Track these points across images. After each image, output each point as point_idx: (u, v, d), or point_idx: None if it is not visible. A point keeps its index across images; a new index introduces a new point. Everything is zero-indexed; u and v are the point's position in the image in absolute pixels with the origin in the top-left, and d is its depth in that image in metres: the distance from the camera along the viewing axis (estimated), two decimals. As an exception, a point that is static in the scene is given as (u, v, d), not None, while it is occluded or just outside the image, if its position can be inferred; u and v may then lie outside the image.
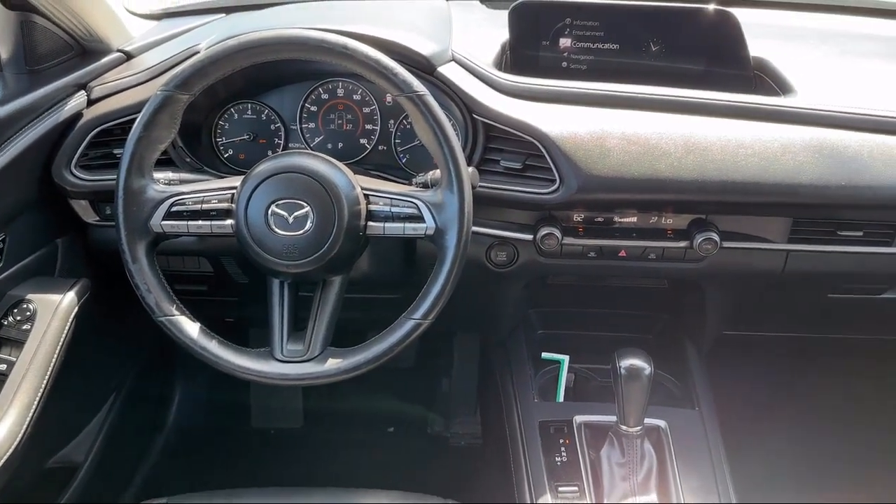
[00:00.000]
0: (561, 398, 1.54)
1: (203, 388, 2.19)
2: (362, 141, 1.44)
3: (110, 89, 1.37)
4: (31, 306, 1.27)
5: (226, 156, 1.44)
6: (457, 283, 1.11)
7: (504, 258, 1.39)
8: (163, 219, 1.12)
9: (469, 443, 2.13)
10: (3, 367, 1.22)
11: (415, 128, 1.13)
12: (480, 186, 1.27)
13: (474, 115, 1.29)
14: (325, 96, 1.43)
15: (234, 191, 1.13)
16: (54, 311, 1.27)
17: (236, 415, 2.19)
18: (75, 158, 1.33)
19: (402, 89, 1.09)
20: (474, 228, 1.19)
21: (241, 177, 1.14)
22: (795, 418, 2.00)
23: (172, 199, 1.13)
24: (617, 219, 1.35)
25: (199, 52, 1.31)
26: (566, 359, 1.57)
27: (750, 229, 1.35)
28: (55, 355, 1.25)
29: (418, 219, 1.11)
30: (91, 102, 1.37)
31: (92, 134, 1.32)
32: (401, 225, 1.13)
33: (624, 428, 1.30)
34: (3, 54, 1.34)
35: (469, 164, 1.28)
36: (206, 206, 1.13)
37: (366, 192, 1.14)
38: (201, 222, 1.13)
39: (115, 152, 1.33)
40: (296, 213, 1.10)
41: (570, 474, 1.34)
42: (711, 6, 1.38)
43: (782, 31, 1.68)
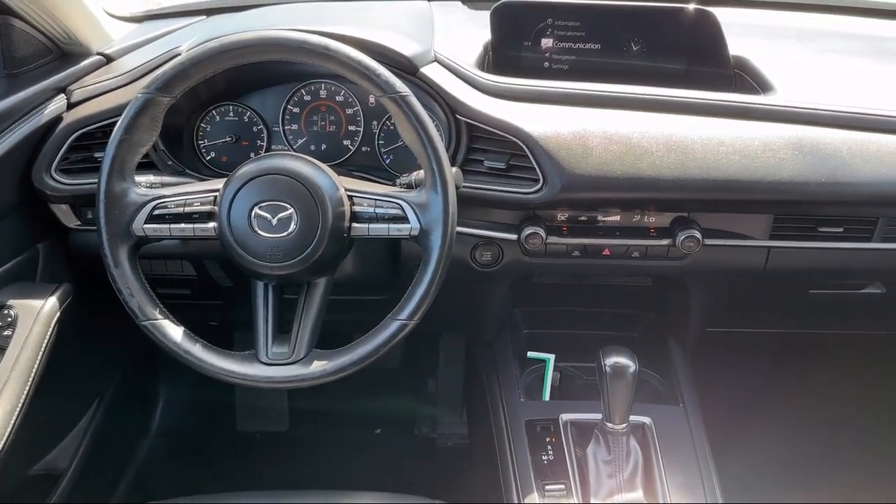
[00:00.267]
0: (547, 397, 1.55)
1: (188, 391, 2.17)
2: (346, 142, 1.44)
3: (90, 92, 1.36)
4: (12, 312, 1.26)
5: (208, 158, 1.43)
6: (442, 284, 1.11)
7: (489, 258, 1.40)
8: (145, 222, 1.11)
9: (456, 443, 2.13)
10: (-16, 373, 1.21)
11: (398, 128, 1.13)
12: (464, 187, 1.27)
13: (457, 116, 1.29)
14: (307, 98, 1.42)
15: (217, 193, 1.13)
16: (36, 316, 1.26)
17: (222, 417, 2.18)
18: (55, 162, 1.32)
19: (385, 90, 1.09)
20: (459, 228, 1.19)
21: (224, 179, 1.13)
22: (779, 413, 2.01)
23: (154, 203, 1.12)
24: (600, 218, 1.36)
25: (180, 54, 1.30)
26: (552, 357, 1.57)
27: (732, 227, 1.36)
28: (37, 361, 1.24)
29: (403, 219, 1.11)
30: (71, 106, 1.36)
31: (72, 138, 1.31)
32: (385, 226, 1.12)
33: (609, 425, 1.30)
34: (-20, 58, 1.33)
35: (453, 164, 1.28)
36: (188, 209, 1.12)
37: (350, 193, 1.13)
38: (184, 225, 1.13)
39: (95, 156, 1.32)
40: (279, 215, 1.10)
41: (556, 473, 1.34)
42: (691, 6, 1.39)
43: (762, 29, 1.70)
